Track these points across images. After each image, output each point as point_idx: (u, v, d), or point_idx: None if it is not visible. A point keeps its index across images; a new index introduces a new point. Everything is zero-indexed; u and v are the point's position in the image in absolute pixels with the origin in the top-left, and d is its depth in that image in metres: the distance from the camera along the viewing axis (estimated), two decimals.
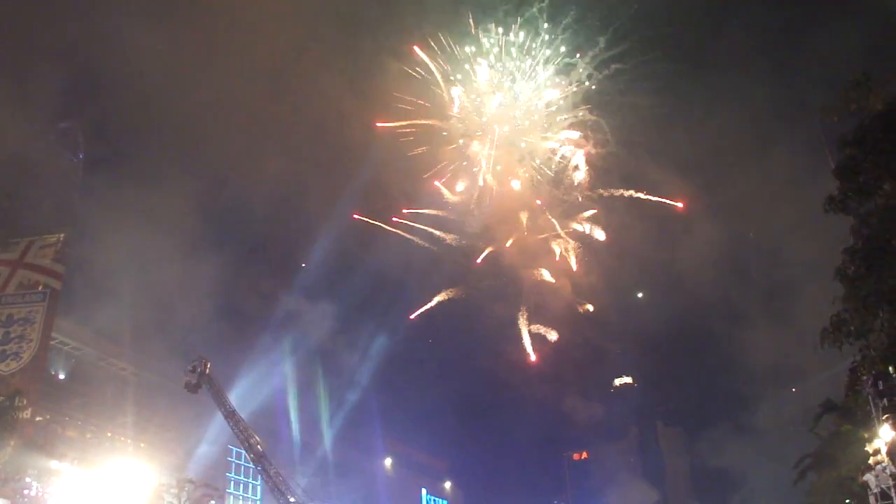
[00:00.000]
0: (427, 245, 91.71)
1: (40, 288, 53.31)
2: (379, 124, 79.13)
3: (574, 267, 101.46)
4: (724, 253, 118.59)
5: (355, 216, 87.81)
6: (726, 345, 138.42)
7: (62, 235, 55.27)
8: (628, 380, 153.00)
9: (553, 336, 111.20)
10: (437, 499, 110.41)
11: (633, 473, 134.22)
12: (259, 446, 44.40)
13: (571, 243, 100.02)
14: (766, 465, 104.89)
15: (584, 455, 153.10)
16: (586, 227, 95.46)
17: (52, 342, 54.34)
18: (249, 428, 46.38)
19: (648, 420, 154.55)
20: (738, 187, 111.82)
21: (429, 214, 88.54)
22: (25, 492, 45.66)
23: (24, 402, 47.07)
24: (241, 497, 72.52)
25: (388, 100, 78.34)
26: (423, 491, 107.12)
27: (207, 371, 43.98)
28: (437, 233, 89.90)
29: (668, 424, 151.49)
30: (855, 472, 44.84)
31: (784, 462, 67.18)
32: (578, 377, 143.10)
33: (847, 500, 50.96)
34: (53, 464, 48.01)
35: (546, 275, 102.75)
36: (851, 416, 44.44)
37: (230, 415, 44.17)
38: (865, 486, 41.56)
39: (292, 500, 41.78)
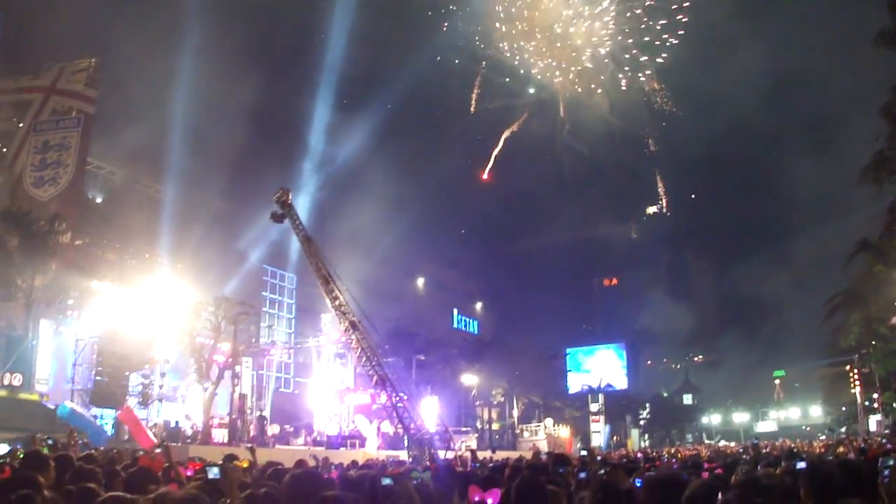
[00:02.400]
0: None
1: (74, 114, 53.12)
2: None
3: (616, 88, 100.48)
4: (766, 77, 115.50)
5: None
6: (764, 174, 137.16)
7: (94, 60, 54.52)
8: (660, 207, 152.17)
9: (587, 152, 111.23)
10: (467, 318, 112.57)
11: (663, 300, 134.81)
12: (325, 269, 45.63)
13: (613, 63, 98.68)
14: (798, 299, 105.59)
15: (615, 281, 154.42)
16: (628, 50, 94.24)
17: (87, 167, 54.76)
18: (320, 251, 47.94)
19: (681, 248, 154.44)
20: (785, 10, 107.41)
21: None
22: (69, 312, 47.08)
23: (64, 225, 48.01)
24: (276, 315, 74.50)
25: None
26: (455, 311, 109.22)
27: (289, 200, 44.81)
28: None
29: (701, 252, 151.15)
30: (884, 314, 44.94)
31: (815, 298, 67.60)
32: (611, 202, 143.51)
33: (873, 342, 50.95)
34: (94, 284, 49.18)
35: (582, 91, 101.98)
36: (885, 256, 43.97)
37: (305, 240, 45.37)
38: (893, 328, 41.92)
39: (353, 319, 43.57)
